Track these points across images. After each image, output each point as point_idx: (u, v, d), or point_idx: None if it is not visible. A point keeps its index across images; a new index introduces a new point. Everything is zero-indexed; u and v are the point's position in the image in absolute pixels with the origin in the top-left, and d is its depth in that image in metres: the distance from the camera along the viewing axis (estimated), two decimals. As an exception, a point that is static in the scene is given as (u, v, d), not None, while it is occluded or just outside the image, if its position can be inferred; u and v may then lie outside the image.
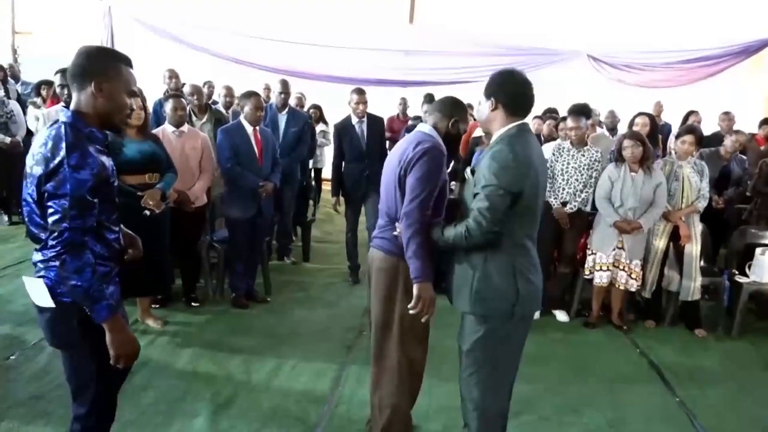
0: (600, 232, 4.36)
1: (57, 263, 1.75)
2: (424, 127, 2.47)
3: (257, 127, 4.25)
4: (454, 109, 2.46)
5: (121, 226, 2.07)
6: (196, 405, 3.04)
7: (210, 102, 5.24)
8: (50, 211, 1.74)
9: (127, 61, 1.94)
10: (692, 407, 3.32)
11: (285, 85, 5.26)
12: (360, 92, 4.91)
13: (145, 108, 3.56)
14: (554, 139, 5.82)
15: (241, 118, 4.27)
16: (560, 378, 3.52)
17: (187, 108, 4.93)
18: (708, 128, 7.09)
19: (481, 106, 2.27)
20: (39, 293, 1.85)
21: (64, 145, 1.73)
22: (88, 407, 1.97)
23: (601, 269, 4.34)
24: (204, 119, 4.96)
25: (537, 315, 4.56)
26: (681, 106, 7.85)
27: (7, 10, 10.39)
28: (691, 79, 8.94)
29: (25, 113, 6.55)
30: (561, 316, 4.61)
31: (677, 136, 4.55)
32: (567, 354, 3.95)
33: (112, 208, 1.93)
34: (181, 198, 3.92)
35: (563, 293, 4.69)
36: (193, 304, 4.37)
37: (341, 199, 5.04)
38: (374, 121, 5.00)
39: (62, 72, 3.81)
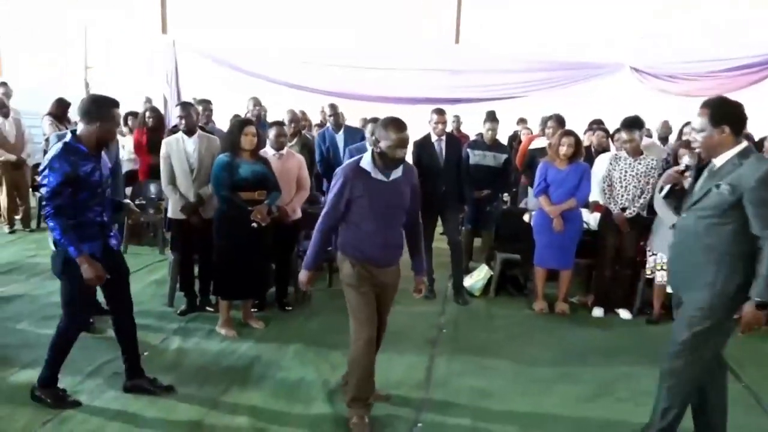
0: (660, 234, 4.67)
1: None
2: (366, 148, 3.13)
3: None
4: (376, 131, 3.02)
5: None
6: (311, 391, 3.49)
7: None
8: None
9: (115, 104, 3.06)
10: (757, 390, 3.62)
11: (333, 107, 5.73)
12: (440, 112, 5.12)
13: (258, 134, 4.05)
14: (604, 148, 6.17)
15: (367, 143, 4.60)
16: (632, 367, 3.84)
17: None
18: (760, 132, 7.28)
19: (706, 134, 2.62)
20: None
21: (50, 155, 2.92)
22: (68, 319, 3.16)
23: (662, 269, 4.64)
24: (293, 142, 5.48)
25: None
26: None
27: (80, 46, 11.27)
28: (736, 87, 9.09)
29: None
30: (624, 314, 4.93)
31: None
32: (636, 346, 4.26)
33: (91, 194, 3.00)
34: (280, 212, 4.40)
35: (625, 293, 5.00)
36: (286, 308, 4.83)
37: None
38: (452, 140, 5.22)
39: (182, 105, 4.36)
